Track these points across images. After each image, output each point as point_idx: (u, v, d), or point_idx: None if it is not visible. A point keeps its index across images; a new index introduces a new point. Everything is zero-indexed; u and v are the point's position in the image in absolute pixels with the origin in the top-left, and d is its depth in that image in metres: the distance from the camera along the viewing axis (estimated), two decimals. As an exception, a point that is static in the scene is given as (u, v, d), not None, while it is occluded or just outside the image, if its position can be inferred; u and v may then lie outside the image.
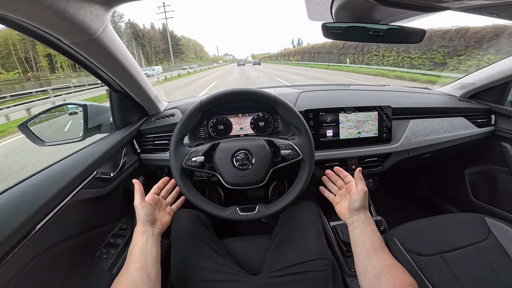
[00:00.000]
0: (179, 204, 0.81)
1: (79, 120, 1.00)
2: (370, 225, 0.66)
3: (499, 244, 0.89)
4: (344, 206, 0.73)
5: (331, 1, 0.82)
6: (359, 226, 0.67)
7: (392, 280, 0.55)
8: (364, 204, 0.69)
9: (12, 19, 0.53)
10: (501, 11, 0.69)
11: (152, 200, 0.73)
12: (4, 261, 0.52)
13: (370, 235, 0.64)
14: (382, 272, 0.57)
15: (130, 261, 0.60)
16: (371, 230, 0.65)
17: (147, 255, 0.62)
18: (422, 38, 0.86)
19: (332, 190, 0.81)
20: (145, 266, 0.60)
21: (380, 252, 0.60)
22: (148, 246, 0.64)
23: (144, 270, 0.59)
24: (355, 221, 0.68)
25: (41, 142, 0.96)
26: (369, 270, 0.59)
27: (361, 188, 0.70)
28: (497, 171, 1.31)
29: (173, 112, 1.14)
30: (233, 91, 0.84)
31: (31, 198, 0.63)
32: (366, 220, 0.67)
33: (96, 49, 0.71)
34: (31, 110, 8.31)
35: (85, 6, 0.56)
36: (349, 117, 1.06)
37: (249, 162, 0.81)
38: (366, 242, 0.63)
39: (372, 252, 0.61)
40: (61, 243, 0.71)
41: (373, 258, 0.60)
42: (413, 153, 1.14)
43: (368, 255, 0.61)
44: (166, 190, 0.80)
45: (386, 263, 0.58)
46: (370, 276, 0.58)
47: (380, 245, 0.62)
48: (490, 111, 1.29)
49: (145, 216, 0.67)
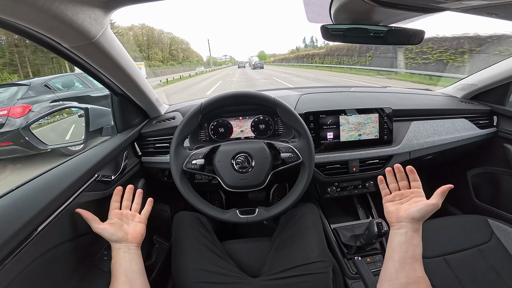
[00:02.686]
0: (148, 208, 0.78)
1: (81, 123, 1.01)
2: (419, 237, 0.63)
3: (502, 246, 0.88)
4: (398, 208, 0.68)
5: (330, 3, 0.82)
6: (409, 233, 0.63)
7: None
8: (426, 217, 0.66)
9: (12, 23, 0.53)
10: (500, 11, 0.69)
11: (115, 216, 0.72)
12: (5, 263, 0.52)
13: (416, 246, 0.62)
14: (412, 282, 0.56)
15: (113, 277, 0.62)
16: (418, 241, 0.63)
17: (127, 269, 0.63)
18: (422, 39, 0.86)
19: (390, 185, 0.76)
20: (127, 280, 0.61)
21: (417, 264, 0.59)
22: (126, 261, 0.64)
23: (127, 284, 0.60)
24: (407, 228, 0.64)
25: (43, 145, 0.97)
26: (399, 278, 0.58)
27: (435, 202, 0.65)
28: (500, 173, 1.30)
29: (174, 115, 1.14)
30: (233, 94, 0.84)
31: (33, 200, 0.63)
32: (418, 228, 0.64)
33: (96, 52, 0.71)
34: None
35: (83, 10, 0.57)
36: (350, 120, 1.06)
37: (249, 165, 0.81)
38: (409, 251, 0.61)
39: (410, 261, 0.59)
40: (62, 245, 0.72)
41: (409, 267, 0.58)
42: (415, 155, 1.14)
43: (405, 263, 0.59)
44: (126, 199, 0.78)
45: (419, 274, 0.57)
46: (397, 284, 0.57)
47: (419, 257, 0.60)
48: (492, 112, 1.29)
49: (111, 236, 0.67)
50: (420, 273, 0.58)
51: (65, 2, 0.51)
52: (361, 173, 1.10)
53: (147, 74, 28.38)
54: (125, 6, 0.65)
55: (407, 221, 0.65)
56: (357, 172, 1.09)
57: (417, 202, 0.66)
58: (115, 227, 0.69)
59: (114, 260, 0.64)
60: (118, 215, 0.72)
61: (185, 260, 0.76)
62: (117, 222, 0.70)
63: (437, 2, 0.64)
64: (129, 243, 0.68)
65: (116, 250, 0.66)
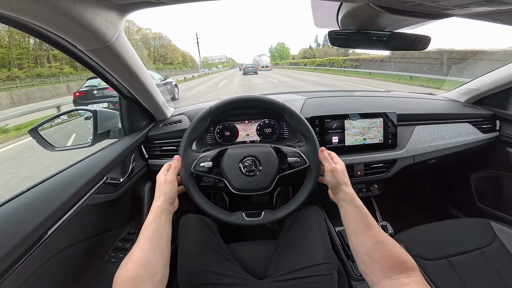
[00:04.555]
0: (181, 190, 0.80)
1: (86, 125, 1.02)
2: (350, 202, 0.65)
3: (505, 248, 0.89)
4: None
5: (337, 9, 0.84)
6: (341, 205, 0.66)
7: (384, 258, 0.53)
8: (338, 182, 0.69)
9: (30, 24, 0.54)
10: (505, 17, 0.70)
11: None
12: (17, 265, 0.53)
13: (353, 213, 0.63)
14: (372, 250, 0.55)
15: (145, 239, 0.58)
16: (353, 207, 0.63)
17: (162, 234, 0.61)
18: (428, 44, 0.87)
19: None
20: (159, 245, 0.58)
21: (367, 229, 0.59)
22: (166, 225, 0.63)
23: (158, 250, 0.57)
24: (339, 201, 0.68)
25: (50, 147, 0.98)
26: (360, 248, 0.58)
27: (328, 168, 0.71)
28: (502, 176, 1.31)
29: (180, 118, 1.15)
30: (242, 98, 0.85)
31: (44, 203, 0.64)
32: (345, 198, 0.66)
33: (109, 56, 0.72)
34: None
35: (101, 13, 0.57)
36: (355, 124, 1.07)
37: (256, 168, 0.82)
38: (352, 220, 0.62)
39: (360, 230, 0.59)
40: (71, 247, 0.73)
41: (361, 236, 0.59)
42: (419, 159, 1.15)
43: (356, 233, 0.60)
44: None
45: (374, 240, 0.56)
46: (362, 255, 0.57)
47: (365, 223, 0.60)
48: (495, 117, 1.30)
49: (171, 193, 0.68)
50: (377, 239, 0.56)
51: (84, 4, 0.52)
52: (365, 176, 1.11)
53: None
54: (140, 10, 0.66)
55: (335, 196, 0.71)
56: (361, 175, 1.10)
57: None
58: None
59: (150, 221, 0.61)
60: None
61: (192, 262, 0.76)
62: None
63: (443, 8, 0.65)
64: (173, 207, 0.69)
65: (160, 210, 0.64)
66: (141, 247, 0.56)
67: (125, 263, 0.54)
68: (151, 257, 0.55)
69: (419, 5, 0.63)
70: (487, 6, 0.60)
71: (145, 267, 0.53)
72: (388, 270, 0.52)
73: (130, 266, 0.53)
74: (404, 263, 0.52)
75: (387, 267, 0.52)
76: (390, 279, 0.51)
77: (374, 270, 0.54)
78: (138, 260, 0.54)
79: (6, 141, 5.52)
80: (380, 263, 0.53)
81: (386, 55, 16.78)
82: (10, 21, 0.53)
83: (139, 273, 0.52)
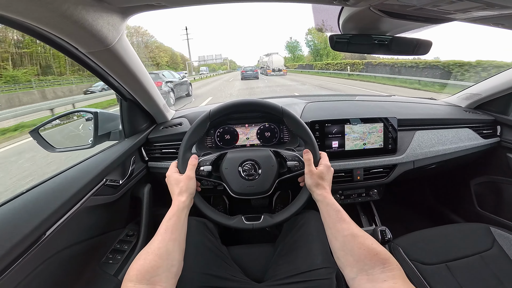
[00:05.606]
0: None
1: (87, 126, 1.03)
2: (322, 202, 0.68)
3: (504, 253, 0.89)
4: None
5: (339, 14, 0.84)
6: (318, 206, 0.69)
7: (355, 250, 0.54)
8: (309, 184, 0.73)
9: (32, 27, 0.55)
10: (506, 22, 0.71)
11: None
12: (14, 265, 0.53)
13: (326, 211, 0.66)
14: (343, 243, 0.57)
15: (166, 230, 0.59)
16: (325, 205, 0.66)
17: (182, 228, 0.63)
18: (429, 49, 0.87)
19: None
20: (179, 238, 0.61)
21: (338, 223, 0.61)
22: (185, 220, 0.66)
23: (177, 242, 0.60)
24: (316, 202, 0.71)
25: (51, 148, 0.98)
26: (333, 243, 0.60)
27: (305, 170, 0.75)
28: (503, 182, 1.30)
29: (181, 121, 1.15)
30: (242, 102, 0.85)
31: (42, 204, 0.64)
32: (318, 198, 0.70)
33: (110, 58, 0.72)
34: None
35: (103, 15, 0.58)
36: (355, 129, 1.07)
37: (255, 172, 0.82)
38: (325, 218, 0.65)
39: (332, 225, 0.62)
40: (69, 249, 0.73)
41: (333, 230, 0.61)
42: (419, 164, 1.14)
43: (329, 229, 0.62)
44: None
45: (345, 233, 0.58)
46: (336, 250, 0.59)
47: (337, 217, 0.62)
48: (496, 122, 1.29)
49: (193, 189, 0.71)
50: (347, 232, 0.58)
51: (86, 7, 0.53)
52: (365, 181, 1.11)
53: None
54: (141, 13, 0.66)
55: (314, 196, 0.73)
56: (361, 180, 1.10)
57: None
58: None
59: (172, 214, 0.63)
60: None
61: (192, 264, 0.76)
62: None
63: (444, 12, 0.65)
64: (191, 204, 0.72)
65: (183, 206, 0.67)
66: (161, 237, 0.58)
67: (145, 253, 0.54)
68: (171, 248, 0.57)
69: (420, 9, 0.64)
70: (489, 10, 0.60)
71: (164, 258, 0.54)
72: (362, 264, 0.52)
73: (149, 256, 0.53)
74: (375, 255, 0.52)
75: (360, 259, 0.52)
76: (366, 273, 0.51)
77: (348, 263, 0.55)
78: (158, 250, 0.55)
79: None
80: (352, 256, 0.54)
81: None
82: (13, 23, 0.53)
83: (157, 264, 0.53)
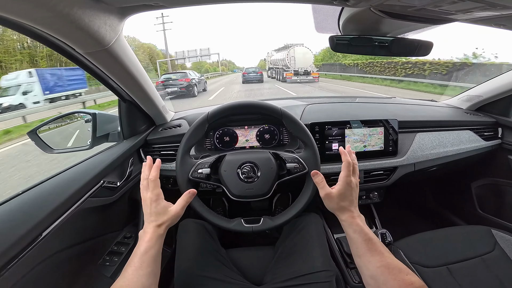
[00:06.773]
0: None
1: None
2: (349, 227, 0.63)
3: (506, 256, 0.88)
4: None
5: (339, 14, 0.83)
6: (342, 224, 0.65)
7: (389, 282, 0.52)
8: (332, 208, 0.66)
9: (29, 27, 0.54)
10: (507, 22, 0.70)
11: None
12: (9, 266, 0.53)
13: (353, 238, 0.61)
14: (376, 274, 0.55)
15: (141, 265, 0.55)
16: (352, 232, 0.62)
17: (158, 257, 0.59)
18: (430, 50, 0.86)
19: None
20: (155, 269, 0.57)
21: (370, 254, 0.57)
22: (161, 246, 0.60)
23: (152, 274, 0.56)
24: (341, 221, 0.65)
25: (49, 149, 0.97)
26: (364, 271, 0.58)
27: (321, 194, 0.67)
28: (504, 184, 1.30)
29: (180, 122, 1.15)
30: (240, 104, 0.85)
31: (39, 205, 0.63)
32: (343, 223, 0.64)
33: (108, 59, 0.72)
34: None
35: (100, 16, 0.57)
36: (355, 131, 1.06)
37: (254, 175, 0.81)
38: (353, 244, 0.61)
39: (363, 253, 0.58)
40: (66, 250, 0.72)
41: (364, 259, 0.58)
42: (419, 167, 1.13)
43: (359, 256, 0.59)
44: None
45: (377, 264, 0.55)
46: (367, 278, 0.57)
47: (368, 248, 0.58)
48: (497, 124, 1.29)
49: (164, 214, 0.63)
50: (379, 263, 0.55)
51: (83, 7, 0.52)
52: (365, 184, 1.10)
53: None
54: (139, 13, 0.66)
55: (336, 212, 0.66)
56: (361, 183, 1.09)
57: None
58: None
59: (150, 247, 0.57)
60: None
61: (190, 267, 0.76)
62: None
63: (445, 13, 0.64)
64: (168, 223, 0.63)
65: (159, 235, 0.60)
66: (135, 272, 0.54)
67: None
68: (146, 282, 0.54)
69: (421, 10, 0.63)
70: (490, 11, 0.59)
71: None
72: None
73: None
74: (410, 284, 0.51)
75: None
76: None
77: None
78: (134, 284, 0.52)
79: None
80: (386, 286, 0.52)
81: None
82: (9, 23, 0.53)
83: None
